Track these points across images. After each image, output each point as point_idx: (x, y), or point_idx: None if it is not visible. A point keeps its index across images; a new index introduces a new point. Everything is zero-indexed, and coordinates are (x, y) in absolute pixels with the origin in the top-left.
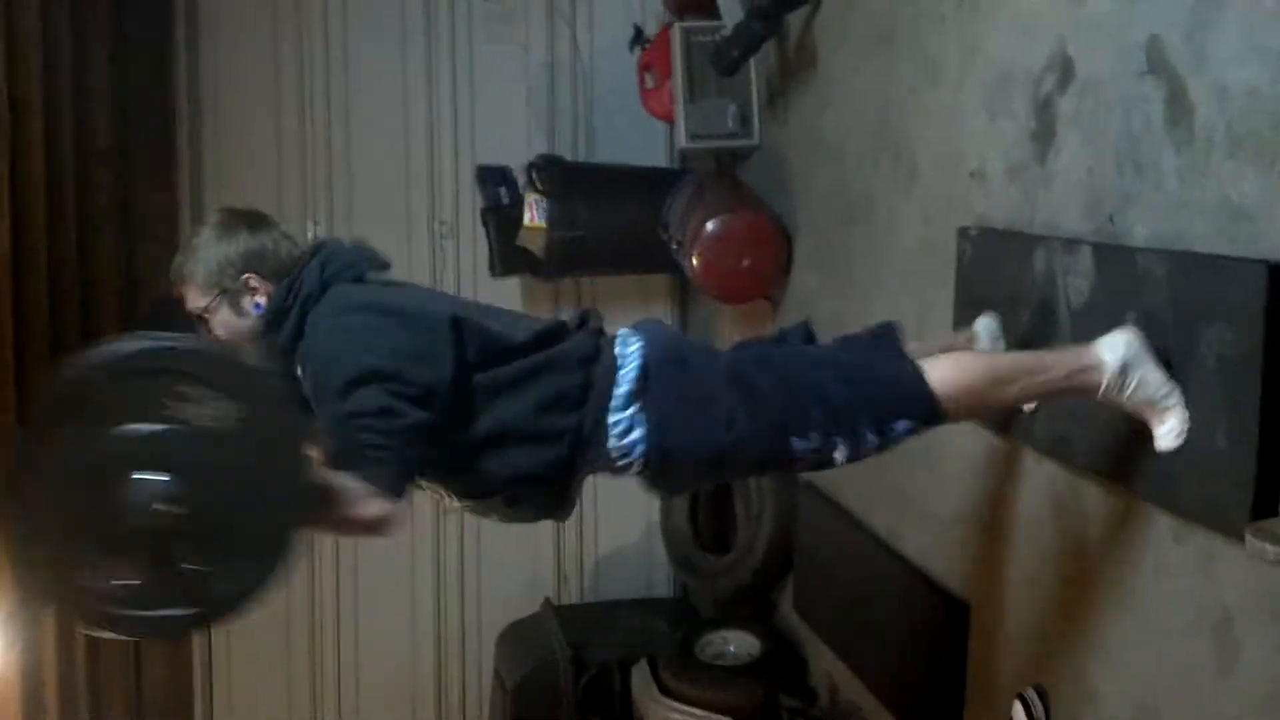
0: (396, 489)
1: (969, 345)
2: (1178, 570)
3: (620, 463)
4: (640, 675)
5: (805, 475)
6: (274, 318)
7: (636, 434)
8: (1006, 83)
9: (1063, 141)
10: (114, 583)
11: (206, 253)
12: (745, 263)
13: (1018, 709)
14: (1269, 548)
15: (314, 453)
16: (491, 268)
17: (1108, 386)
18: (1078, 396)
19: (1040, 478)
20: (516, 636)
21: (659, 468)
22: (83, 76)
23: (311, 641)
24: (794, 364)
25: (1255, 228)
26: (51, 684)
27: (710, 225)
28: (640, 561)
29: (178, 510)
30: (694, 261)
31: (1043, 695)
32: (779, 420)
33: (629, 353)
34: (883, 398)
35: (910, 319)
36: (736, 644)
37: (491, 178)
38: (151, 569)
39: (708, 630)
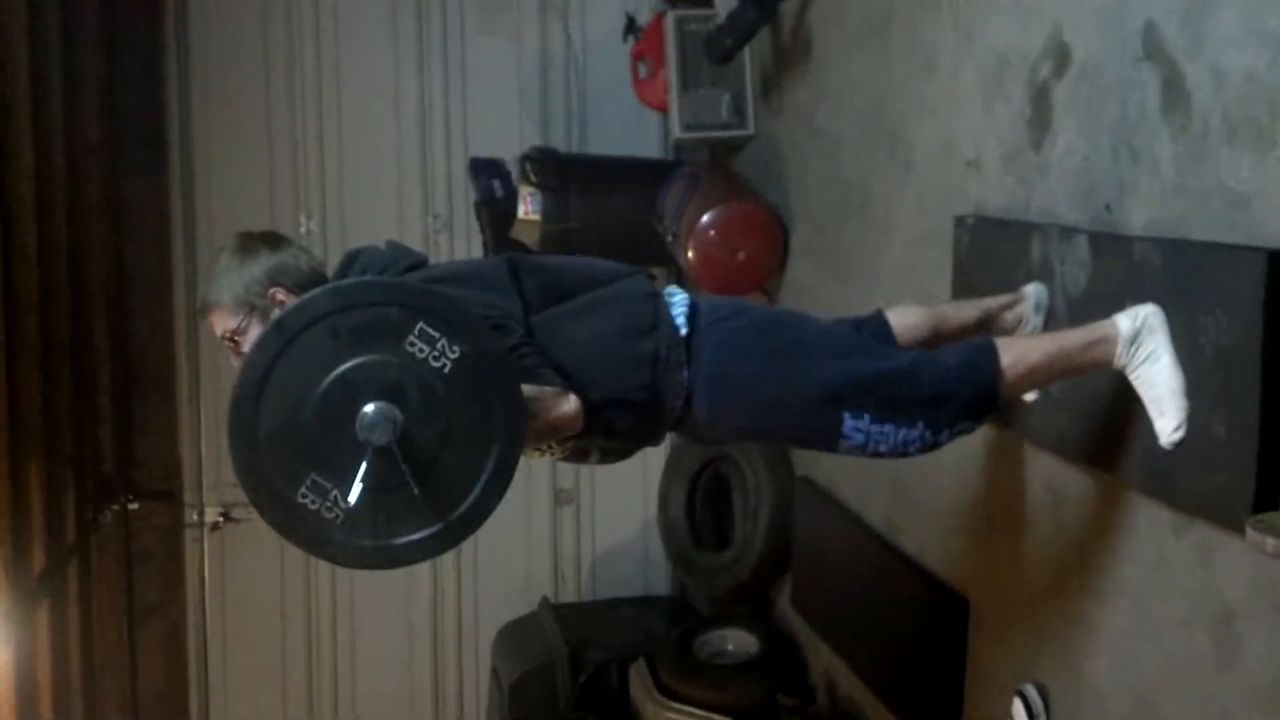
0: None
1: (1010, 308)
2: (1177, 563)
3: (678, 401)
4: (638, 674)
5: (802, 470)
6: None
7: (685, 373)
8: (1002, 70)
9: (1059, 129)
10: (335, 506)
11: (231, 276)
12: (740, 254)
13: (1017, 705)
14: (1269, 540)
15: None
16: None
17: (1119, 354)
18: (1096, 368)
19: (1038, 471)
20: (514, 635)
21: (703, 409)
22: (72, 69)
23: (308, 640)
24: (868, 343)
25: (1253, 214)
26: (46, 683)
27: (705, 217)
28: (638, 560)
29: (403, 439)
30: (689, 253)
31: (1042, 691)
32: (834, 389)
33: (675, 300)
34: (946, 394)
35: None
36: (735, 642)
37: (485, 170)
38: (372, 494)
39: (706, 629)
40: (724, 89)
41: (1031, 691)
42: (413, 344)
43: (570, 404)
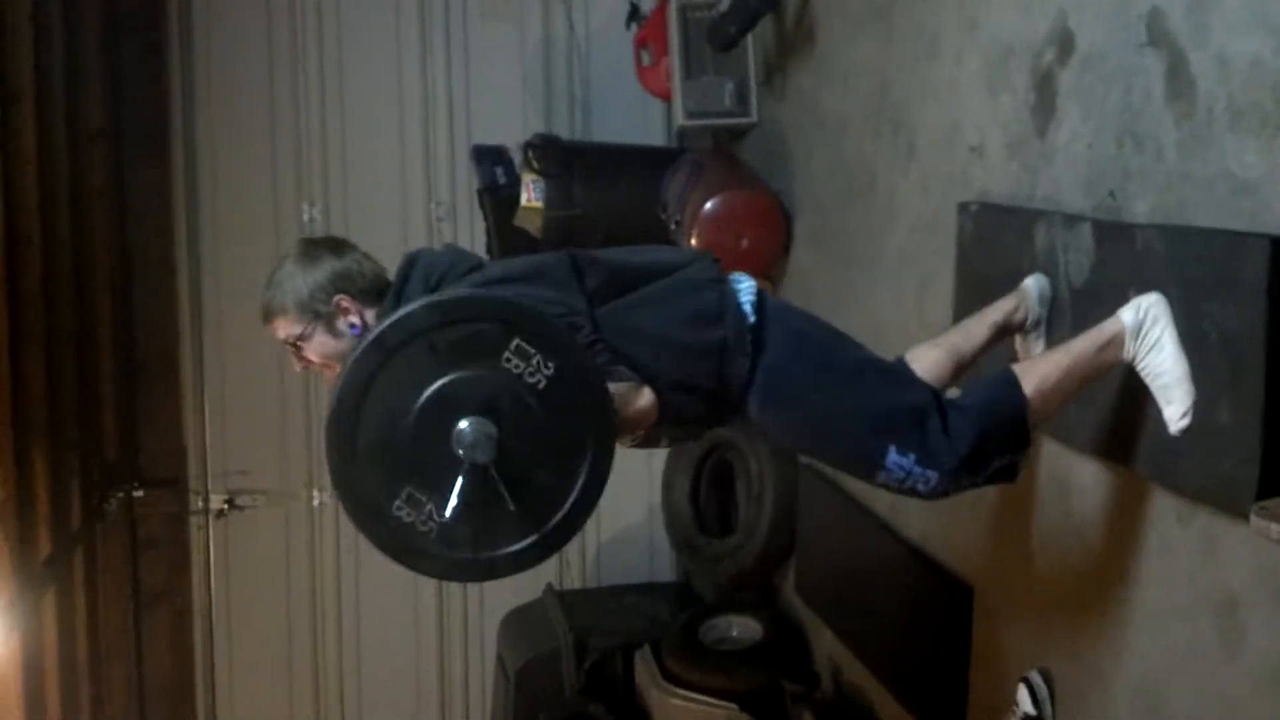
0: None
1: (1016, 312)
2: (1182, 550)
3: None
4: (643, 661)
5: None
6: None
7: (746, 362)
8: (1006, 56)
9: (1063, 116)
10: (430, 519)
11: (295, 282)
12: (744, 241)
13: (1022, 692)
14: (1273, 527)
15: None
16: (488, 250)
17: (1127, 346)
18: (1111, 367)
19: (1044, 458)
20: (519, 622)
21: (756, 406)
22: (75, 57)
23: (313, 627)
24: (917, 379)
25: (1257, 201)
26: (53, 672)
27: (708, 204)
28: (642, 546)
29: (499, 451)
30: (692, 240)
31: (1047, 678)
32: (885, 418)
33: (742, 287)
34: (985, 438)
35: (910, 296)
36: (739, 628)
37: (488, 157)
38: (467, 508)
39: (710, 615)
40: (727, 76)
41: (1036, 678)
42: (509, 359)
43: (646, 397)
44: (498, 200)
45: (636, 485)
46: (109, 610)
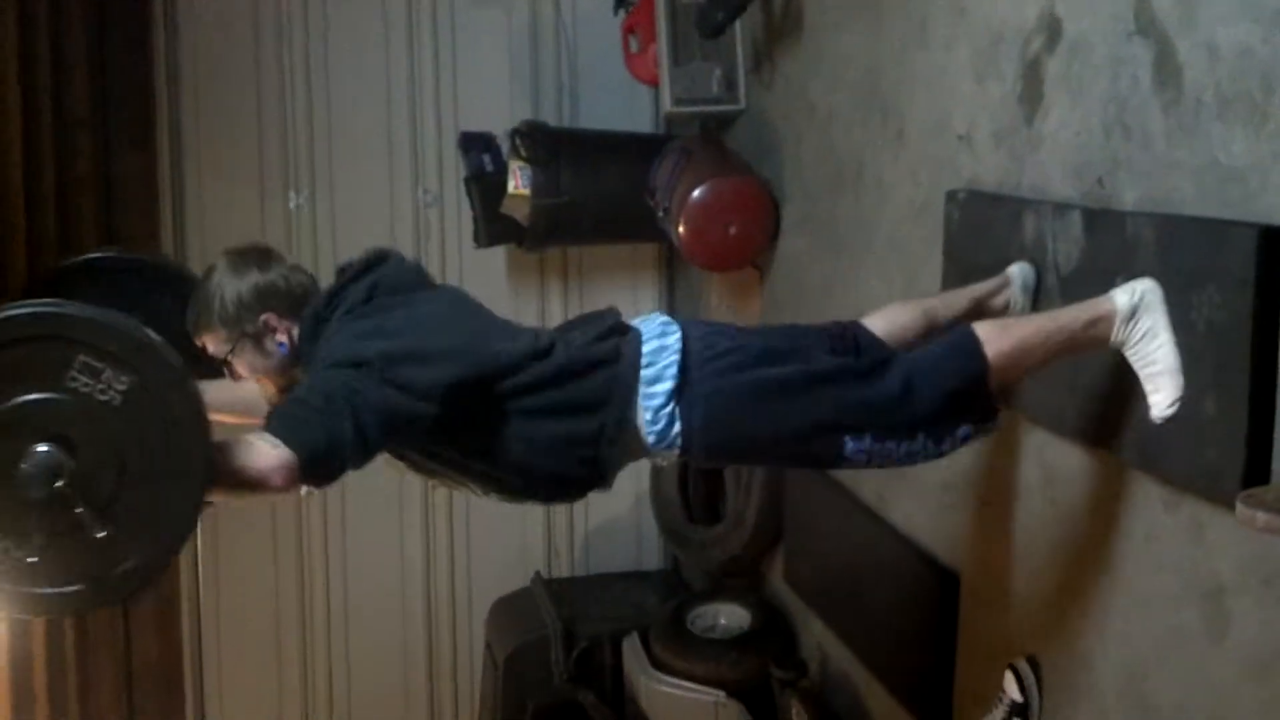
0: (318, 447)
1: (998, 293)
2: (1168, 538)
3: (660, 454)
4: (631, 648)
5: None
6: (312, 327)
7: (676, 429)
8: (995, 43)
9: (1051, 103)
10: (15, 557)
11: (221, 298)
12: (732, 230)
13: (1009, 679)
14: (1259, 515)
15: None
16: (476, 237)
17: (1116, 330)
18: (1095, 347)
19: (1030, 445)
20: (507, 610)
21: (699, 456)
22: (60, 43)
23: (301, 616)
24: (859, 366)
25: (1245, 190)
26: (40, 663)
27: (696, 192)
28: (630, 534)
29: (74, 482)
30: (680, 229)
31: (1034, 665)
32: (831, 419)
33: (668, 344)
34: (940, 398)
35: (899, 283)
36: (727, 616)
37: (475, 145)
38: (52, 542)
39: (698, 603)
40: (715, 63)
41: (1023, 665)
42: (74, 379)
43: (269, 460)
44: (485, 188)
45: (625, 473)
46: None
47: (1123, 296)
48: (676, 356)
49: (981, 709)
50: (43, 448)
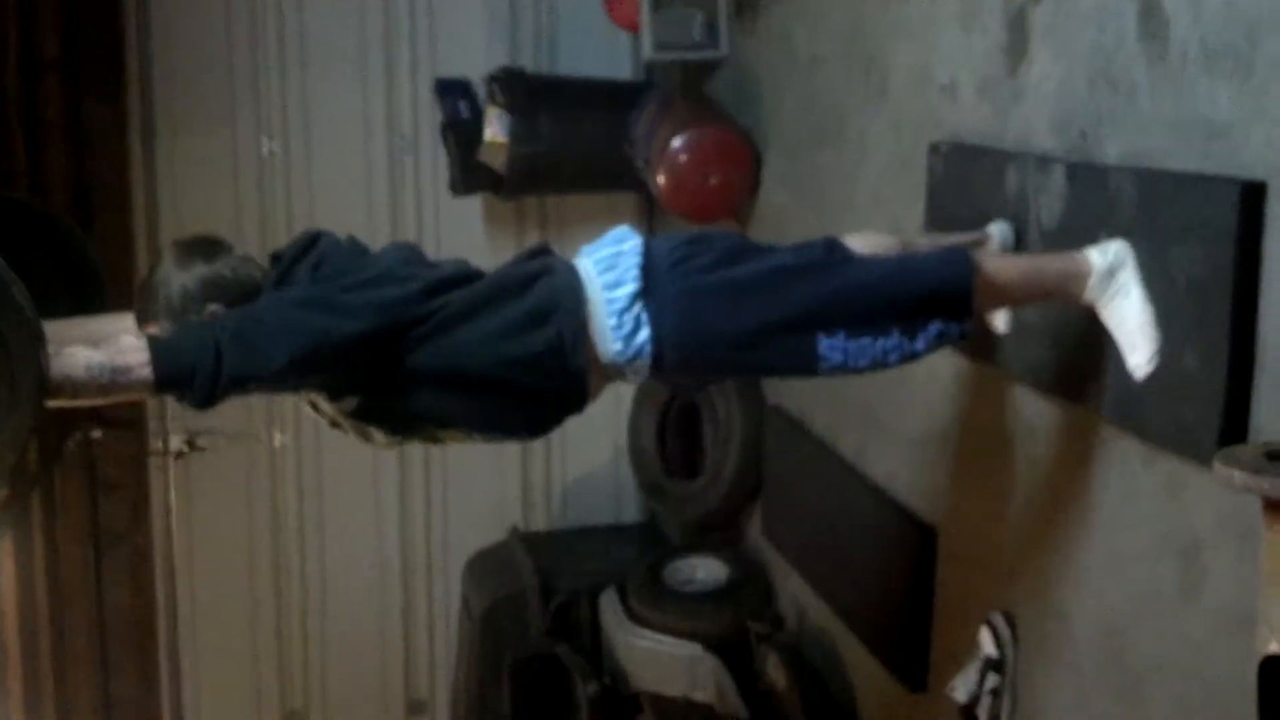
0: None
1: (978, 247)
2: (1146, 495)
3: (630, 366)
4: (608, 602)
5: (773, 399)
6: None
7: (643, 334)
8: None
9: (1035, 55)
10: None
11: (167, 289)
12: (712, 180)
13: (985, 634)
14: (1236, 474)
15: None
16: (452, 185)
17: (1090, 288)
18: (1064, 298)
19: (1009, 401)
20: (484, 564)
21: (673, 366)
22: None
23: (275, 568)
24: (830, 258)
25: (1229, 144)
26: (12, 614)
27: (676, 141)
28: (608, 488)
29: None
30: (660, 179)
31: (1010, 620)
32: (804, 315)
33: (624, 250)
34: (919, 292)
35: None
36: (704, 570)
37: (451, 91)
38: None
39: (676, 557)
40: (697, 8)
41: (999, 620)
42: None
43: (132, 357)
44: (461, 135)
45: (603, 427)
46: (68, 552)
47: (1097, 256)
48: (637, 258)
49: (957, 664)
50: None
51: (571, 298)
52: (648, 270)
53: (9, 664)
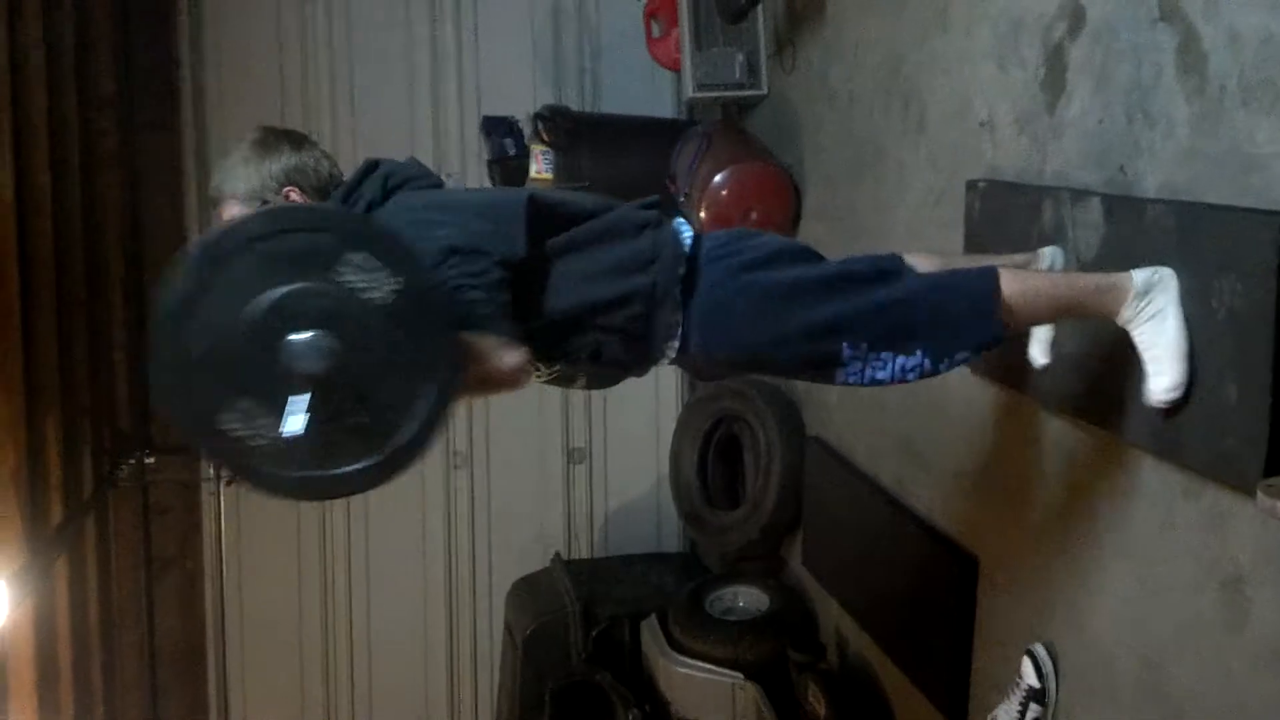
0: (516, 340)
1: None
2: (1187, 526)
3: (667, 344)
4: (649, 630)
5: (814, 430)
6: None
7: (679, 314)
8: (1017, 30)
9: (1073, 90)
10: (262, 434)
11: (248, 168)
12: (753, 214)
13: (1026, 665)
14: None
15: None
16: None
17: (1126, 306)
18: (1100, 314)
19: (1049, 432)
20: (527, 590)
21: (697, 352)
22: (85, 24)
23: (323, 593)
24: (867, 274)
25: (1268, 178)
26: (65, 638)
27: (717, 177)
28: (649, 516)
29: (335, 367)
30: (701, 213)
31: (1051, 651)
32: (832, 326)
33: (681, 238)
34: (947, 315)
35: None
36: (745, 599)
37: (497, 128)
38: (306, 425)
39: (717, 585)
40: (737, 48)
41: (1040, 651)
42: (347, 274)
43: (512, 357)
44: (507, 171)
45: (644, 456)
46: (121, 576)
47: (1141, 274)
48: (686, 248)
49: (998, 695)
50: (312, 332)
51: (670, 254)
52: (692, 259)
53: (60, 686)
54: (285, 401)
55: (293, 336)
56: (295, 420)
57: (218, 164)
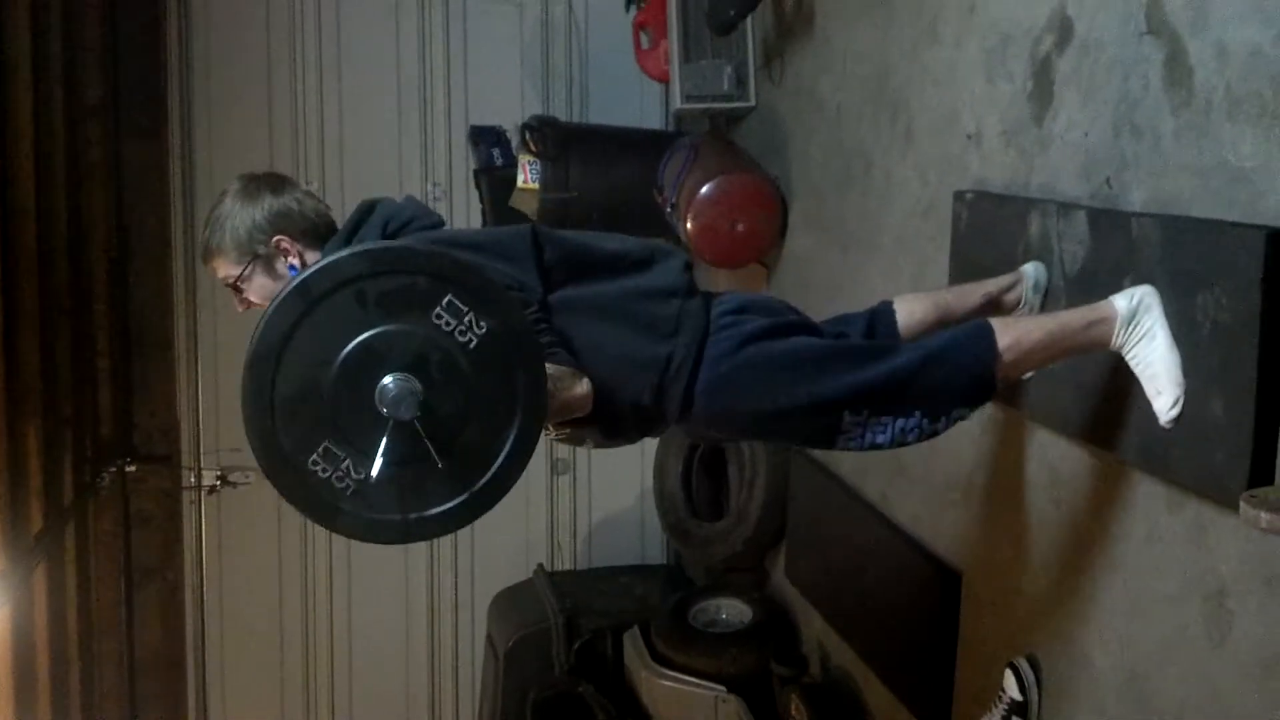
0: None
1: (1010, 290)
2: (1171, 539)
3: (674, 411)
4: (632, 642)
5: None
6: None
7: (683, 384)
8: (1005, 43)
9: (1060, 103)
10: (347, 476)
11: (233, 221)
12: (740, 226)
13: (1009, 678)
14: (1263, 515)
15: None
16: None
17: (1116, 334)
18: (1093, 348)
19: (1033, 445)
20: (509, 602)
21: (699, 417)
22: (73, 32)
23: (304, 603)
24: (868, 347)
25: (1254, 191)
26: (43, 646)
27: (704, 188)
28: (633, 528)
29: (424, 409)
30: (688, 225)
31: (1034, 664)
32: (834, 398)
33: (711, 314)
34: (946, 383)
35: (906, 282)
36: (729, 611)
37: (485, 138)
38: (390, 468)
39: (700, 597)
40: (726, 60)
41: (1024, 665)
42: (440, 315)
43: (584, 385)
44: (494, 181)
45: (628, 468)
46: (100, 585)
47: (1122, 301)
48: (706, 326)
49: (981, 708)
50: (403, 375)
51: (694, 327)
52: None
53: (38, 696)
54: (372, 443)
55: (384, 379)
56: (381, 462)
57: (204, 219)
